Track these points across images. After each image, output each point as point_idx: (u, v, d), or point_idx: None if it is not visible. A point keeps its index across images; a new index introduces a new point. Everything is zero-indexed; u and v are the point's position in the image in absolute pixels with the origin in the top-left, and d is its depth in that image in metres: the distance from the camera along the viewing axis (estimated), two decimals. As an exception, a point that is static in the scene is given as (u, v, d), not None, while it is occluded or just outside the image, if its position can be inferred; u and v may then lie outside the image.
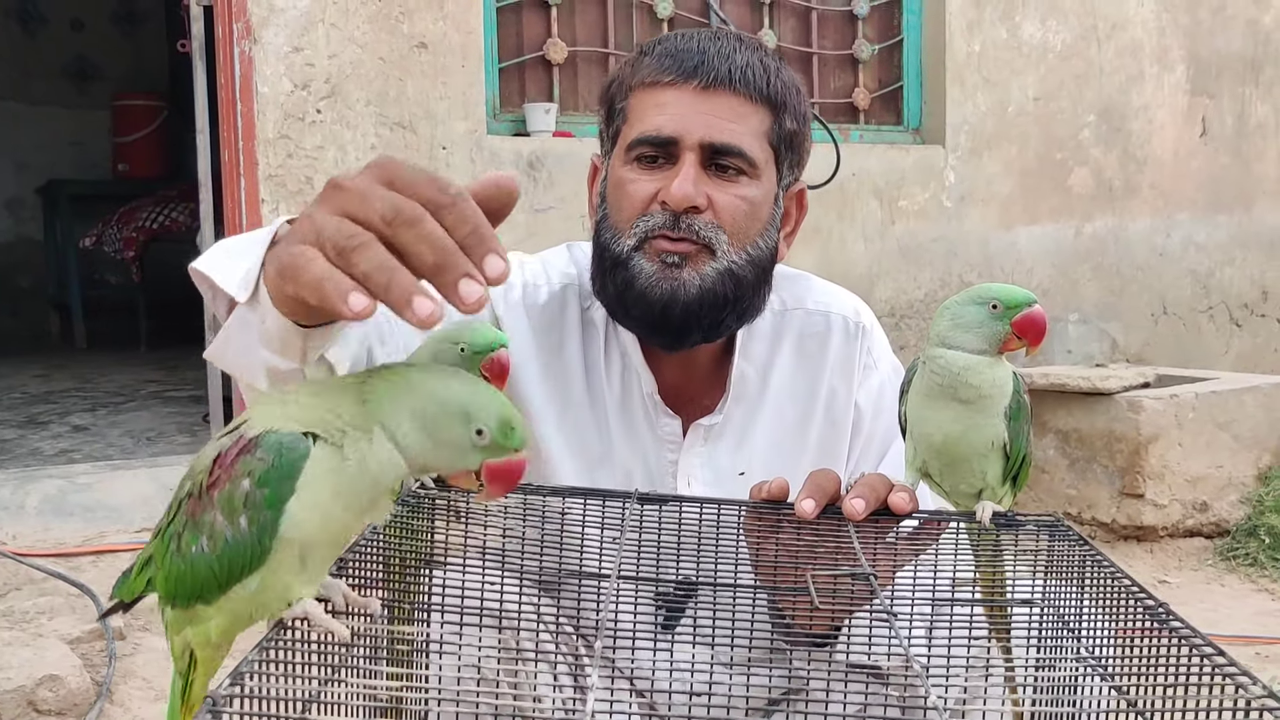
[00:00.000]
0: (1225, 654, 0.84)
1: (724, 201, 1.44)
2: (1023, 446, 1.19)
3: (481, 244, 0.80)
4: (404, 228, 0.79)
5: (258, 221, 3.70)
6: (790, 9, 4.75)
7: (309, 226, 0.83)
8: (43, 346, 7.73)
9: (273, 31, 3.70)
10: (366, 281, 0.78)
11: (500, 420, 0.85)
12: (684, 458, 1.55)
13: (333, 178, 0.85)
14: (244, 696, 0.73)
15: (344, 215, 0.81)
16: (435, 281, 0.79)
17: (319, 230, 0.81)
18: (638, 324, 1.49)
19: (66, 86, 8.45)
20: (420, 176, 0.82)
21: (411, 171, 0.82)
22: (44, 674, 2.46)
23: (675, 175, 1.42)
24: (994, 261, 4.99)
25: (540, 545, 1.26)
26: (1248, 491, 4.21)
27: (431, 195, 0.81)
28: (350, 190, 0.82)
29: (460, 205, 0.81)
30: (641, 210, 1.44)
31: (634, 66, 1.49)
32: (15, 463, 4.00)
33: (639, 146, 1.45)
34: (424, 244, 0.79)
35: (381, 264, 0.78)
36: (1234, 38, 5.46)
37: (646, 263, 1.43)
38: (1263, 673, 2.97)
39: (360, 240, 0.79)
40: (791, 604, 1.24)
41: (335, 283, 0.79)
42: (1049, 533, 1.18)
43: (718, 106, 1.43)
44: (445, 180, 0.82)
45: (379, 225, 0.80)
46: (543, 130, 4.16)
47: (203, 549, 0.81)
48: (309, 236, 0.82)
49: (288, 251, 0.84)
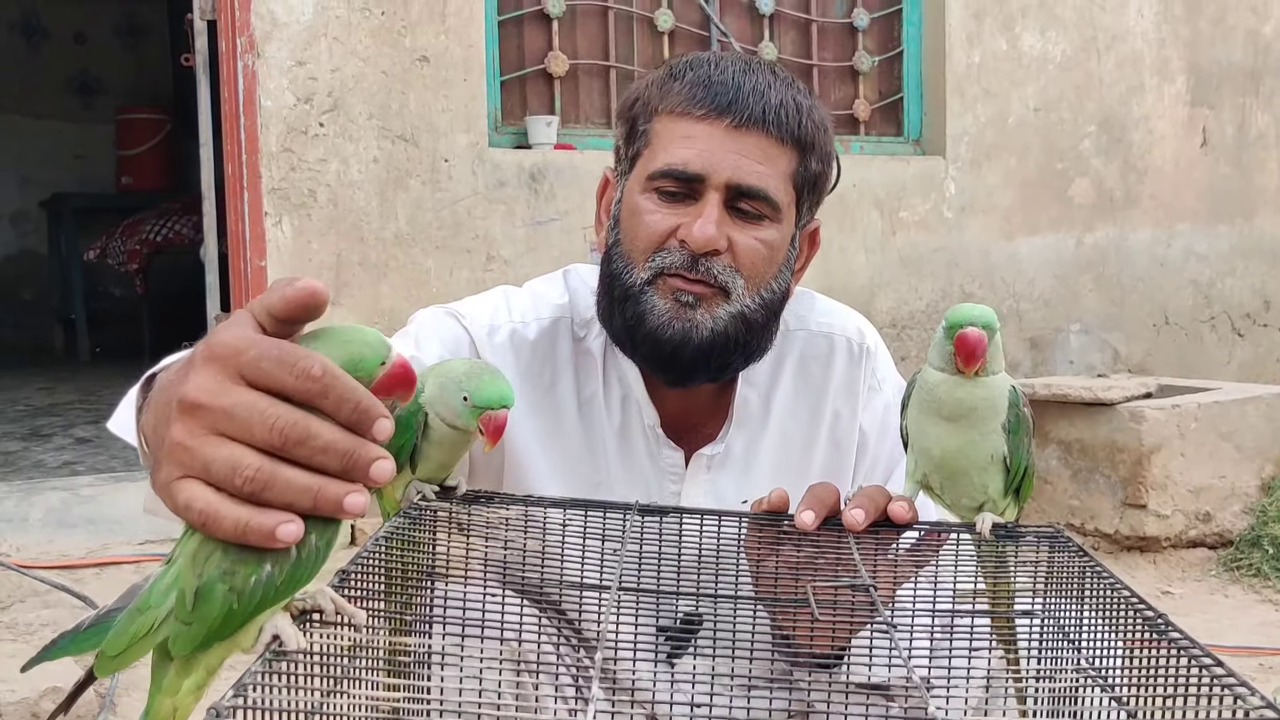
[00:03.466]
0: (1224, 664, 0.85)
1: (744, 244, 1.41)
2: (1023, 460, 1.18)
3: (366, 417, 0.78)
4: (297, 448, 0.77)
5: (260, 234, 3.71)
6: (791, 21, 4.77)
7: (188, 456, 0.78)
8: (47, 359, 7.73)
9: (276, 45, 3.72)
10: (289, 509, 0.77)
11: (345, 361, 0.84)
12: (687, 488, 1.53)
13: (183, 393, 0.78)
14: (246, 708, 0.73)
15: (219, 436, 0.77)
16: (346, 478, 0.78)
17: (205, 465, 0.77)
18: (645, 360, 1.47)
19: (70, 100, 8.47)
20: (270, 362, 0.77)
21: (258, 355, 0.78)
22: (47, 686, 2.46)
23: (697, 214, 1.39)
24: (995, 272, 4.99)
25: (541, 557, 1.26)
26: (1251, 502, 4.20)
27: (298, 386, 0.77)
28: (212, 410, 0.77)
29: (331, 386, 0.77)
30: (658, 245, 1.42)
31: (662, 89, 1.44)
32: (19, 475, 4.01)
33: (662, 179, 1.41)
34: (324, 456, 0.77)
35: (301, 489, 0.77)
36: (1234, 48, 5.47)
37: (659, 300, 1.41)
38: (1266, 684, 2.96)
39: (261, 479, 0.76)
40: (792, 617, 1.24)
41: (258, 527, 0.77)
42: (1049, 544, 1.19)
43: (747, 146, 1.40)
44: (299, 359, 0.77)
45: (272, 449, 0.77)
46: (544, 143, 4.17)
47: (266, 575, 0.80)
48: (193, 467, 0.78)
49: (175, 489, 0.78)
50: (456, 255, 3.99)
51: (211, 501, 0.77)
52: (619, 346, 1.50)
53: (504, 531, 1.25)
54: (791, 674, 1.29)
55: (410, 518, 1.16)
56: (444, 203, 3.97)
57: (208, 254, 4.06)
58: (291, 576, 0.81)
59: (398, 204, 3.91)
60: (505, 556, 1.25)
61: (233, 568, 0.79)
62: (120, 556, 3.32)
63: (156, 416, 0.87)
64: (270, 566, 0.80)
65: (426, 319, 1.54)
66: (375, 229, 3.88)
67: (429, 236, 3.95)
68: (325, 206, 3.80)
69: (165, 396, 0.85)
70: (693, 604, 1.29)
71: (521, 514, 1.25)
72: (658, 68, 1.52)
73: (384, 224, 3.89)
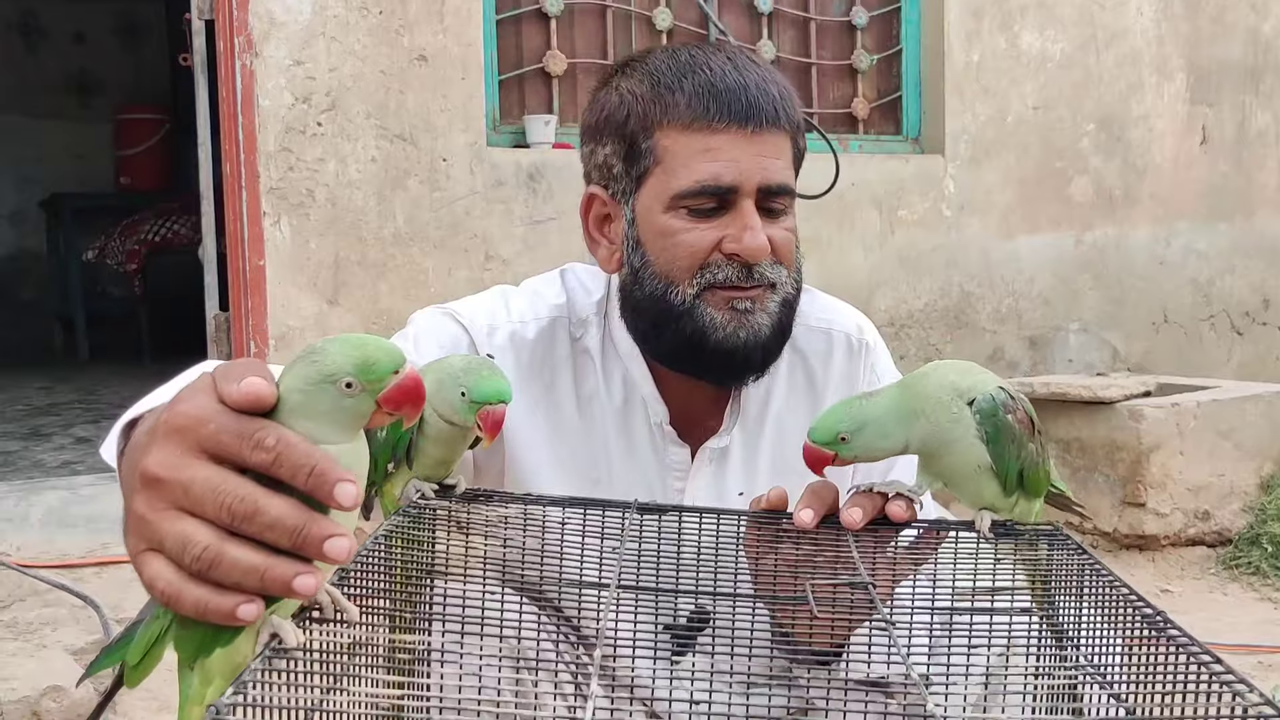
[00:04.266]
0: (1223, 662, 0.85)
1: (780, 238, 1.44)
2: (1012, 465, 1.18)
3: (324, 482, 0.78)
4: (245, 524, 0.77)
5: (259, 234, 3.71)
6: (789, 19, 4.77)
7: (147, 530, 0.79)
8: (46, 359, 7.73)
9: (274, 45, 3.72)
10: (240, 589, 0.77)
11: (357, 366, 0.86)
12: (690, 483, 1.54)
13: (144, 466, 0.80)
14: (247, 705, 0.73)
15: (177, 510, 0.78)
16: (300, 554, 0.78)
17: (160, 540, 0.79)
18: (710, 370, 1.47)
19: (69, 100, 8.47)
20: (226, 435, 0.79)
21: (216, 428, 0.79)
22: (48, 684, 2.46)
23: (739, 225, 1.40)
24: (994, 271, 4.99)
25: (540, 555, 1.26)
26: (1250, 500, 4.21)
27: (252, 457, 0.78)
28: (170, 484, 0.78)
29: (285, 456, 0.78)
30: (703, 261, 1.41)
31: (658, 101, 1.42)
32: (19, 475, 4.01)
33: (696, 198, 1.40)
34: (270, 533, 0.77)
35: (247, 569, 0.77)
36: (1234, 46, 5.47)
37: (716, 312, 1.42)
38: (1265, 681, 2.97)
39: (209, 557, 0.77)
40: (791, 615, 1.24)
41: (217, 608, 0.77)
42: (1048, 541, 1.19)
43: (766, 147, 1.41)
44: (254, 431, 0.79)
45: (222, 524, 0.77)
46: (542, 142, 4.17)
47: None
48: (151, 540, 0.79)
49: (141, 562, 0.80)
50: (455, 254, 3.99)
51: (172, 581, 0.78)
52: (672, 364, 1.49)
53: (503, 530, 1.25)
54: (791, 671, 1.29)
55: (410, 516, 1.17)
56: (442, 202, 3.97)
57: (206, 254, 4.06)
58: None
59: (396, 203, 3.91)
60: (505, 555, 1.25)
61: None
62: (120, 556, 3.31)
63: (126, 477, 0.88)
64: None
65: (425, 320, 1.54)
66: (373, 228, 3.88)
67: (427, 236, 3.95)
68: (323, 206, 3.80)
69: (131, 461, 0.86)
70: (694, 602, 1.29)
71: (521, 512, 1.25)
72: (624, 73, 1.48)
73: (382, 223, 3.89)
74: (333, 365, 0.85)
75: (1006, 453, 1.17)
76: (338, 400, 0.85)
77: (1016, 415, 1.18)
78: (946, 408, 1.17)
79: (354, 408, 0.86)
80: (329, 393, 0.85)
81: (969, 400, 1.18)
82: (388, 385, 0.87)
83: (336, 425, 0.85)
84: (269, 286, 3.73)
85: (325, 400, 0.84)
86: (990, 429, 1.17)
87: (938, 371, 1.21)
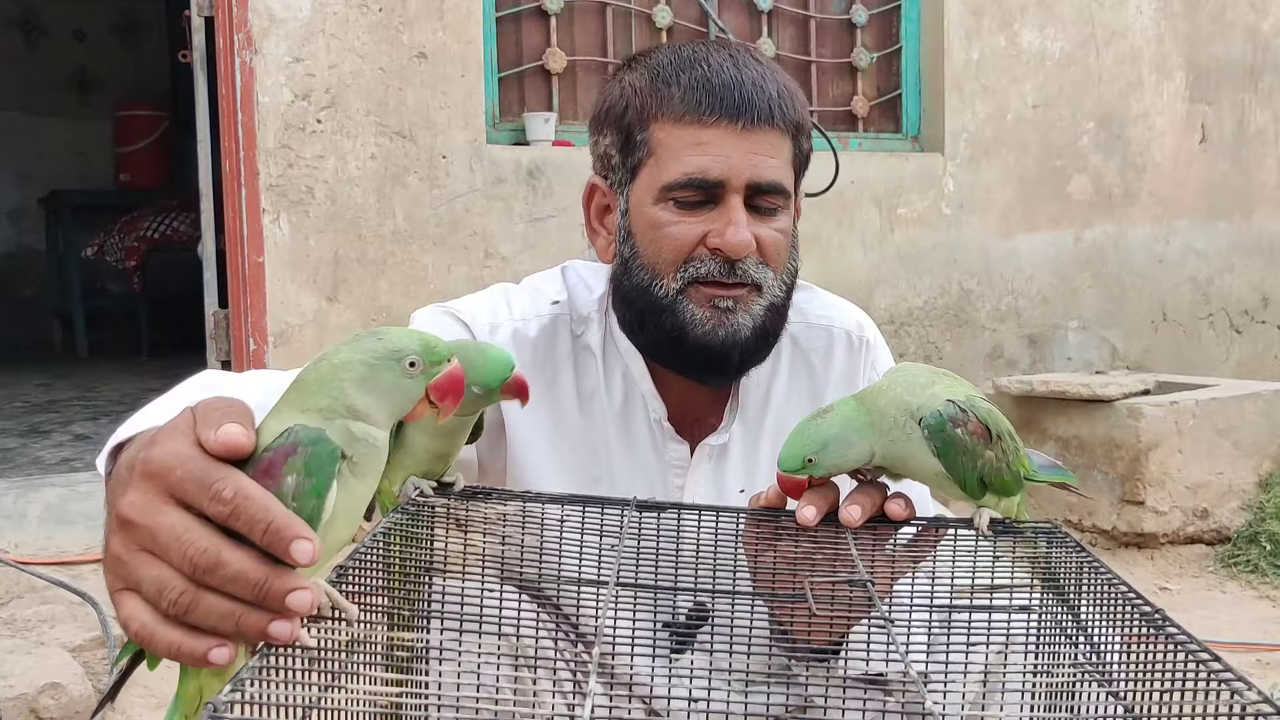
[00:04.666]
0: (1221, 659, 0.85)
1: (768, 238, 1.43)
2: (968, 476, 1.19)
3: (279, 540, 0.79)
4: (206, 576, 0.78)
5: (258, 231, 3.71)
6: (789, 17, 4.76)
7: (124, 570, 0.81)
8: (45, 356, 7.73)
9: (273, 42, 3.72)
10: (215, 633, 0.79)
11: (422, 345, 0.92)
12: (690, 480, 1.54)
13: (118, 509, 0.82)
14: (244, 703, 0.73)
15: (150, 555, 0.80)
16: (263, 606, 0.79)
17: (137, 582, 0.80)
18: (689, 367, 1.47)
19: (68, 97, 8.46)
20: (190, 482, 0.80)
21: (182, 474, 0.80)
22: (46, 682, 2.46)
23: (724, 220, 1.40)
24: (993, 269, 4.99)
25: (539, 552, 1.26)
26: (1248, 498, 4.21)
27: (211, 509, 0.79)
28: (140, 527, 0.80)
29: (241, 509, 0.79)
30: (687, 255, 1.42)
31: (655, 94, 1.43)
32: (17, 471, 4.01)
33: (682, 190, 1.41)
34: (232, 586, 0.78)
35: (221, 615, 0.78)
36: (1233, 45, 5.47)
37: (697, 309, 1.42)
38: (1264, 680, 2.97)
39: (184, 602, 0.78)
40: (790, 613, 1.24)
41: (190, 650, 0.79)
42: (1046, 539, 1.19)
43: (758, 144, 1.41)
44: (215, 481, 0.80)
45: (185, 574, 0.79)
46: (542, 139, 4.17)
47: None
48: (129, 581, 0.81)
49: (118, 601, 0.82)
50: (454, 252, 3.99)
51: (147, 623, 0.80)
52: (654, 355, 1.50)
53: (502, 527, 1.25)
54: (790, 669, 1.29)
55: (408, 513, 1.17)
56: (442, 199, 3.97)
57: (205, 251, 4.06)
58: None
59: (395, 201, 3.91)
60: (504, 552, 1.25)
61: None
62: (118, 553, 3.31)
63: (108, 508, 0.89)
64: None
65: (425, 319, 1.54)
66: (373, 226, 3.88)
67: (427, 233, 3.95)
68: (323, 203, 3.80)
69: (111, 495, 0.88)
70: (693, 598, 1.29)
71: (519, 509, 1.25)
72: (629, 68, 1.50)
73: (382, 221, 3.89)
74: (399, 342, 0.90)
75: (959, 464, 1.19)
76: (398, 379, 0.89)
77: (967, 427, 1.19)
78: (900, 427, 1.19)
79: (409, 390, 0.91)
80: (393, 370, 0.89)
81: (919, 419, 1.19)
82: (440, 372, 0.92)
83: (388, 405, 0.89)
84: (268, 283, 3.72)
85: (387, 377, 0.89)
86: (939, 443, 1.18)
87: (891, 389, 1.22)
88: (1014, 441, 1.23)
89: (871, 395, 1.23)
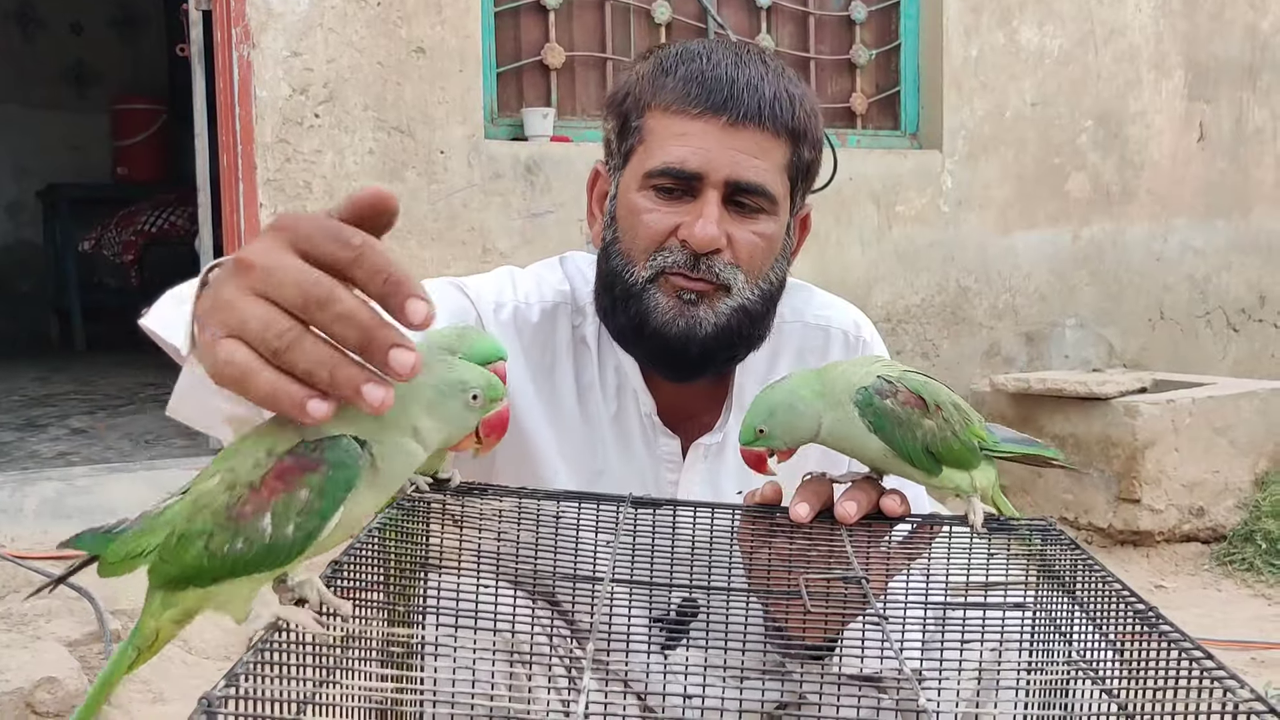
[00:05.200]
0: (1214, 657, 0.85)
1: (743, 240, 1.42)
2: (910, 448, 1.19)
3: (398, 291, 0.78)
4: (317, 311, 0.78)
5: (255, 226, 3.71)
6: (788, 14, 4.76)
7: (230, 314, 0.80)
8: (42, 349, 7.72)
9: (271, 36, 3.71)
10: (310, 380, 0.78)
11: (487, 383, 0.94)
12: (684, 477, 1.54)
13: (238, 253, 0.82)
14: (238, 698, 0.73)
15: (260, 297, 0.79)
16: (365, 357, 0.78)
17: (242, 322, 0.79)
18: (649, 356, 1.47)
19: (66, 90, 8.45)
20: (319, 232, 0.80)
21: (311, 227, 0.80)
22: (42, 676, 2.46)
23: (696, 213, 1.40)
24: (991, 266, 5.00)
25: (535, 548, 1.26)
26: (1244, 497, 4.21)
27: (335, 253, 0.79)
28: (257, 268, 0.80)
29: (366, 256, 0.78)
30: (659, 244, 1.42)
31: (653, 84, 1.44)
32: (14, 465, 4.01)
33: (659, 177, 1.41)
34: (341, 324, 0.78)
35: (320, 360, 0.78)
36: (1231, 43, 5.47)
37: (662, 297, 1.42)
38: (1258, 678, 2.98)
39: (289, 339, 0.78)
40: (784, 609, 1.24)
41: (288, 393, 0.78)
42: (1041, 536, 1.19)
43: (743, 142, 1.40)
44: (344, 231, 0.79)
45: (297, 310, 0.78)
46: (540, 135, 4.16)
47: (237, 549, 0.82)
48: (232, 324, 0.80)
49: (217, 347, 0.80)
50: (452, 247, 3.99)
51: (247, 362, 0.79)
52: (621, 343, 1.51)
53: (497, 523, 1.25)
54: (784, 665, 1.29)
55: (403, 509, 1.17)
56: (440, 194, 3.97)
57: (203, 245, 4.06)
58: (262, 557, 0.83)
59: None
60: (499, 548, 1.26)
61: (214, 530, 0.82)
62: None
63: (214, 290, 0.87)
64: (241, 543, 0.82)
65: (433, 289, 1.54)
66: (371, 220, 3.87)
67: (425, 228, 3.95)
68: (321, 198, 3.80)
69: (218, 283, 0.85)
70: (686, 594, 1.29)
71: (515, 506, 1.25)
72: (645, 58, 1.51)
73: (380, 215, 3.88)
74: (469, 376, 0.93)
75: (897, 437, 1.19)
76: (461, 410, 0.92)
77: (897, 398, 1.19)
78: (843, 406, 1.20)
79: (466, 422, 0.94)
80: (459, 399, 0.92)
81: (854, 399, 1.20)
82: (495, 409, 0.96)
83: (443, 432, 0.91)
84: (265, 278, 3.72)
85: (453, 406, 0.92)
86: (872, 418, 1.19)
87: (842, 365, 1.24)
88: (959, 412, 1.22)
89: (829, 371, 1.23)
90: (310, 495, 0.83)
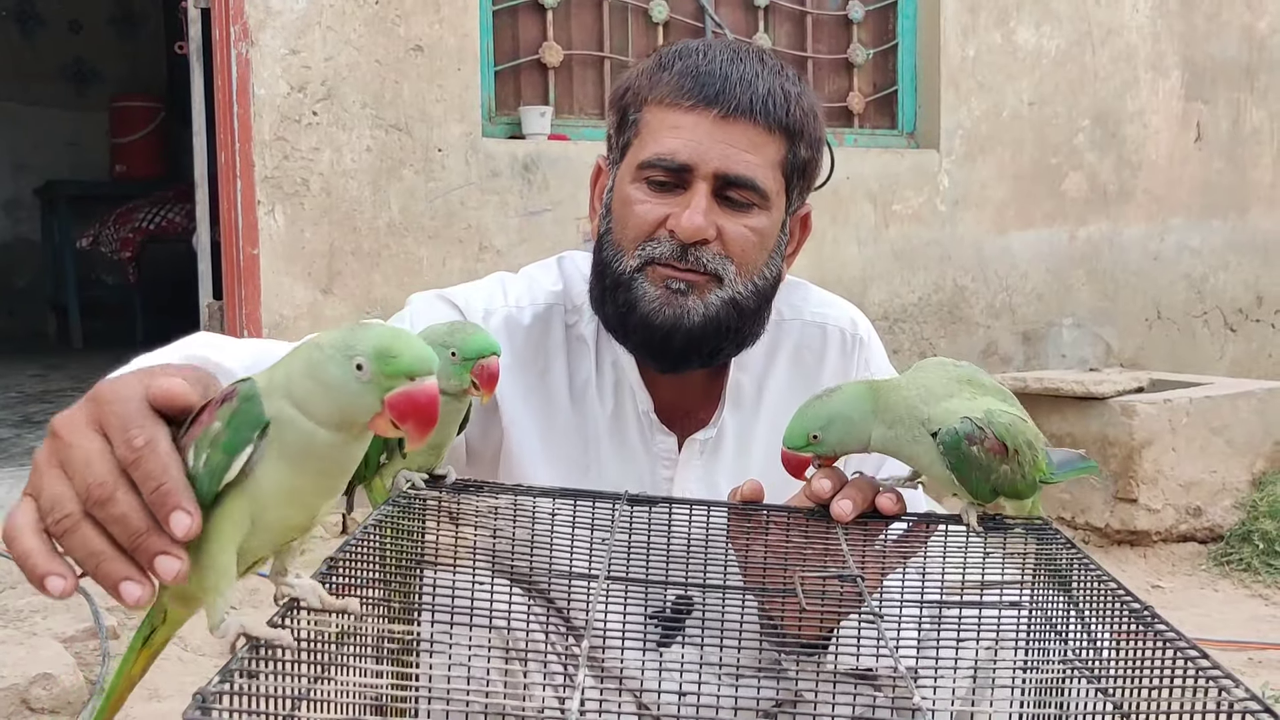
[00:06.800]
0: (1209, 657, 0.85)
1: (733, 232, 1.42)
2: (980, 488, 1.19)
3: (164, 503, 0.80)
4: (96, 509, 0.80)
5: (253, 223, 3.71)
6: (785, 13, 4.76)
7: (36, 478, 0.83)
8: (39, 346, 7.72)
9: (270, 34, 3.71)
10: (81, 564, 0.81)
11: (375, 349, 0.81)
12: (680, 474, 1.54)
13: (55, 420, 0.85)
14: (233, 694, 0.73)
15: (61, 472, 0.82)
16: (134, 556, 0.80)
17: (38, 491, 0.83)
18: (637, 346, 1.48)
19: (64, 88, 8.45)
20: (116, 421, 0.82)
21: (112, 414, 0.82)
22: (37, 672, 2.46)
23: (686, 204, 1.40)
24: (988, 266, 5.00)
25: (530, 546, 1.26)
26: (1241, 497, 4.21)
27: (120, 451, 0.81)
28: (62, 443, 0.83)
29: (144, 461, 0.80)
30: (648, 234, 1.43)
31: (651, 79, 1.45)
32: (11, 462, 4.00)
33: (650, 169, 1.42)
34: (114, 526, 0.80)
35: (90, 552, 0.80)
36: (1229, 43, 5.48)
37: (650, 287, 1.42)
38: (1255, 678, 2.98)
39: (66, 525, 0.80)
40: (780, 607, 1.24)
41: (36, 565, 0.81)
42: (1037, 536, 1.19)
43: (734, 136, 1.40)
44: (133, 428, 0.81)
45: (81, 498, 0.81)
46: (538, 133, 4.16)
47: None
48: (35, 488, 0.83)
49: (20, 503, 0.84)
50: (449, 245, 3.99)
51: (21, 525, 0.82)
52: (611, 333, 1.51)
53: (493, 520, 1.25)
54: (780, 663, 1.30)
55: (399, 506, 1.17)
56: (437, 192, 3.97)
57: (200, 242, 4.05)
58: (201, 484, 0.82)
59: (391, 193, 3.90)
60: (494, 545, 1.26)
61: None
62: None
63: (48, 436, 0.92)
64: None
65: (421, 303, 1.55)
66: (368, 218, 3.87)
67: (422, 226, 3.95)
68: (318, 195, 3.80)
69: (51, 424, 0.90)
70: (681, 591, 1.29)
71: (511, 503, 1.25)
72: (649, 55, 1.52)
73: (377, 213, 3.88)
74: (356, 340, 0.81)
75: (973, 478, 1.19)
76: (345, 379, 0.80)
77: (984, 445, 1.17)
78: (909, 429, 1.19)
79: (354, 394, 0.80)
80: (340, 366, 0.80)
81: (932, 431, 1.18)
82: (399, 387, 0.81)
83: (328, 403, 0.81)
84: (263, 275, 3.72)
85: (334, 372, 0.80)
86: (954, 459, 1.18)
87: (907, 389, 1.21)
88: (1032, 451, 1.21)
89: (885, 388, 1.22)
90: (221, 427, 0.82)
